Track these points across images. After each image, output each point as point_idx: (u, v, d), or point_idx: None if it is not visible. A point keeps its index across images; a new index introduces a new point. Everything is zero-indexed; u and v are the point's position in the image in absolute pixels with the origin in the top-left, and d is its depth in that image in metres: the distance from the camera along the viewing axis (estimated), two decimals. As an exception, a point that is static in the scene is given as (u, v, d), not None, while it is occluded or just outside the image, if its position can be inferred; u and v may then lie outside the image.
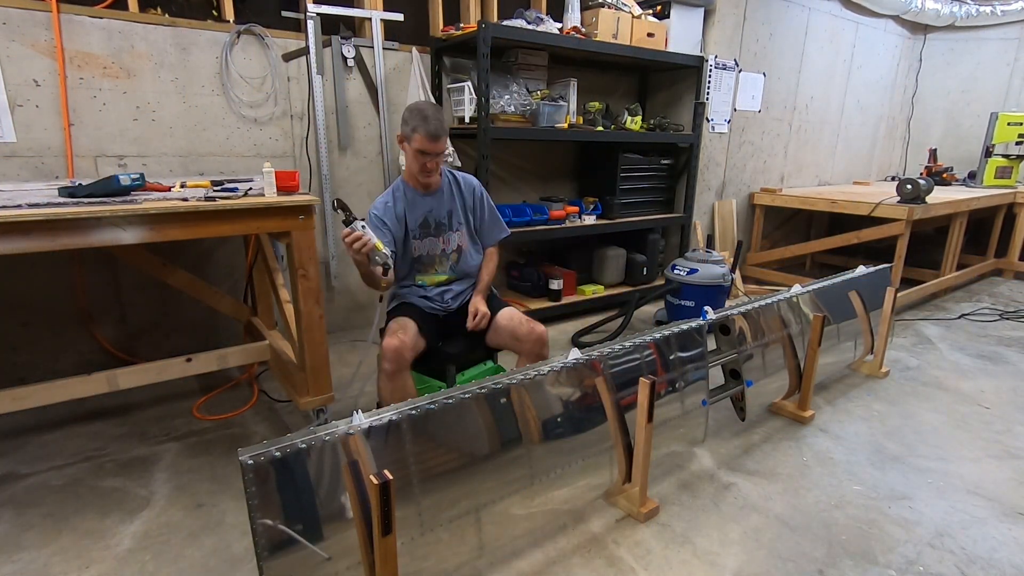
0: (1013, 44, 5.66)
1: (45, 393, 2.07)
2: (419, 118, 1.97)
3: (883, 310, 2.90)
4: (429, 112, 1.99)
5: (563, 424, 1.70)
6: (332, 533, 1.29)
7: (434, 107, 2.03)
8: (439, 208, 2.20)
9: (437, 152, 2.03)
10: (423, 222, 2.18)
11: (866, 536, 1.81)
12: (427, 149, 2.00)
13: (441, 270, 2.24)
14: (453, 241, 2.23)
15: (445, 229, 2.21)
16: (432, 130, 1.97)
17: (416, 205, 2.16)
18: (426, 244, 2.19)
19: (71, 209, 1.67)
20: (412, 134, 1.99)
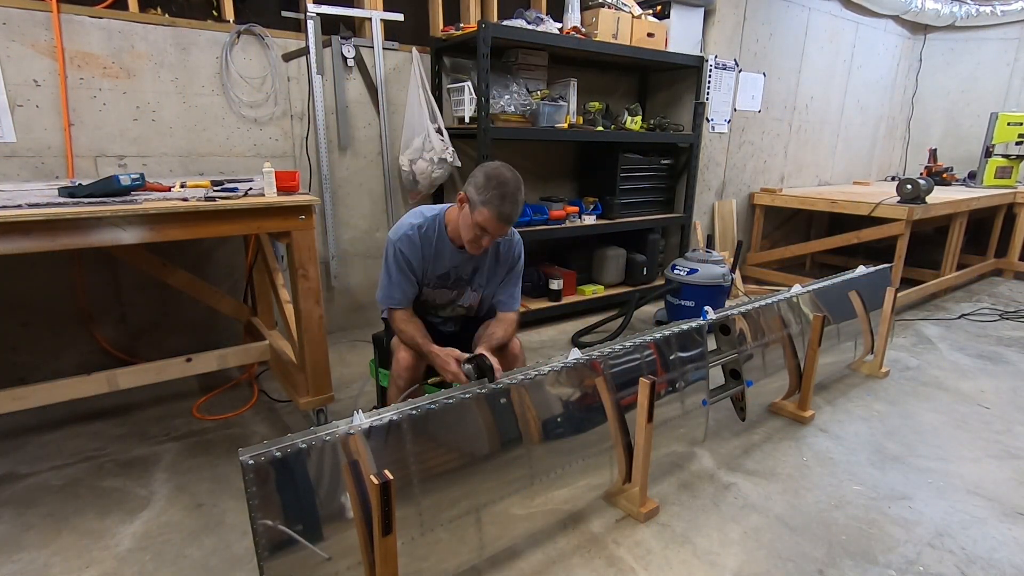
0: (1013, 44, 5.66)
1: (45, 393, 2.07)
2: (496, 193, 1.66)
3: (883, 310, 2.90)
4: (510, 188, 1.68)
5: (563, 424, 1.70)
6: (332, 533, 1.29)
7: (516, 181, 1.71)
8: (466, 264, 1.94)
9: (501, 235, 1.78)
10: (444, 274, 1.93)
11: (866, 536, 1.81)
12: (492, 230, 1.72)
13: (447, 322, 2.07)
14: (467, 298, 2.02)
15: (464, 285, 1.99)
16: (506, 213, 1.68)
17: (444, 255, 1.90)
18: (438, 294, 1.99)
19: (71, 209, 1.67)
20: (481, 206, 1.68)
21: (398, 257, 1.83)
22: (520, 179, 1.73)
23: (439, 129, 3.23)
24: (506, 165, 1.74)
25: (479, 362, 1.60)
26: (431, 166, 3.22)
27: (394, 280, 1.86)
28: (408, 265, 1.85)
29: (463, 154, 3.47)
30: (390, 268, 1.86)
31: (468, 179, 1.74)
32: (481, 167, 1.74)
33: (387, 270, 1.87)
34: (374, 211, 3.44)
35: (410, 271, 1.86)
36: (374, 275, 3.54)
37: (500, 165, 1.73)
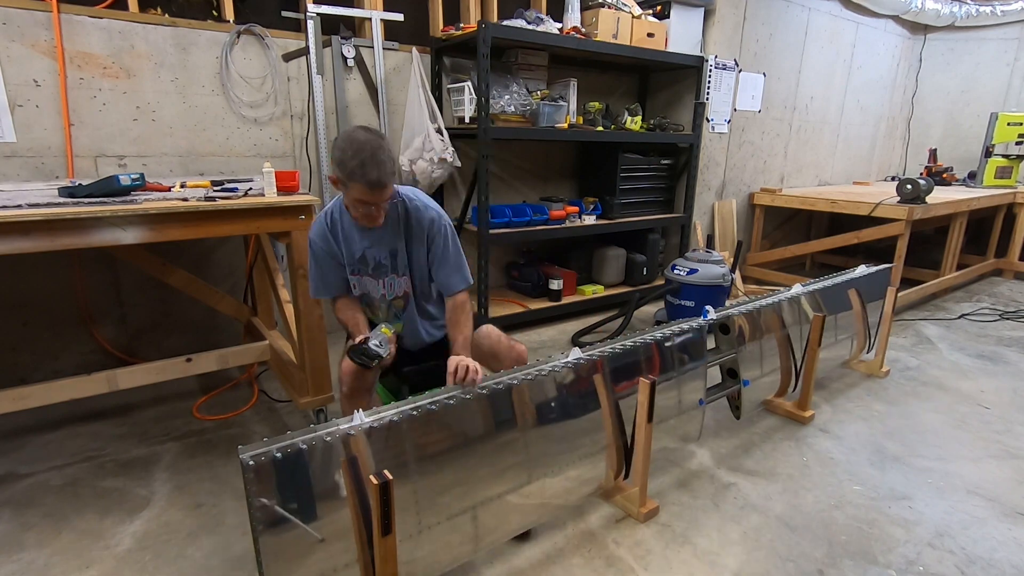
0: (1013, 44, 5.66)
1: (45, 393, 2.07)
2: (356, 163, 1.55)
3: (883, 310, 2.90)
4: (367, 153, 1.55)
5: (563, 423, 1.70)
6: (332, 533, 1.29)
7: (374, 142, 1.58)
8: (379, 245, 1.80)
9: (383, 200, 1.64)
10: (361, 257, 1.81)
11: (866, 536, 1.81)
12: (369, 199, 1.61)
13: (384, 317, 1.90)
14: (396, 287, 1.85)
15: (386, 271, 1.83)
16: (374, 179, 1.56)
17: (352, 237, 1.79)
18: (365, 283, 1.85)
19: (71, 209, 1.67)
20: (349, 182, 1.59)
21: (316, 248, 1.81)
22: (380, 136, 1.62)
23: (439, 129, 3.23)
24: (361, 128, 1.63)
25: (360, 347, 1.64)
26: (431, 166, 3.22)
27: (320, 269, 1.83)
28: (327, 253, 1.81)
29: (463, 154, 3.47)
30: (313, 259, 1.83)
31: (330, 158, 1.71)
32: (336, 140, 1.66)
33: (311, 263, 1.85)
34: (374, 211, 3.43)
35: (330, 257, 1.81)
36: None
37: (354, 130, 1.62)
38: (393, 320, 1.89)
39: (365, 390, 1.79)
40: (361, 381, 1.77)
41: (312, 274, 1.86)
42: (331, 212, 1.81)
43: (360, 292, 1.87)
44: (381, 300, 1.88)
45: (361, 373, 1.73)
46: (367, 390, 1.80)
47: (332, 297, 1.88)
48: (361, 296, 1.89)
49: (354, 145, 1.57)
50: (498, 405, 1.57)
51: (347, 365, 1.75)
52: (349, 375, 1.76)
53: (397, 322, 1.90)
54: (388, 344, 1.67)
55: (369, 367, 1.65)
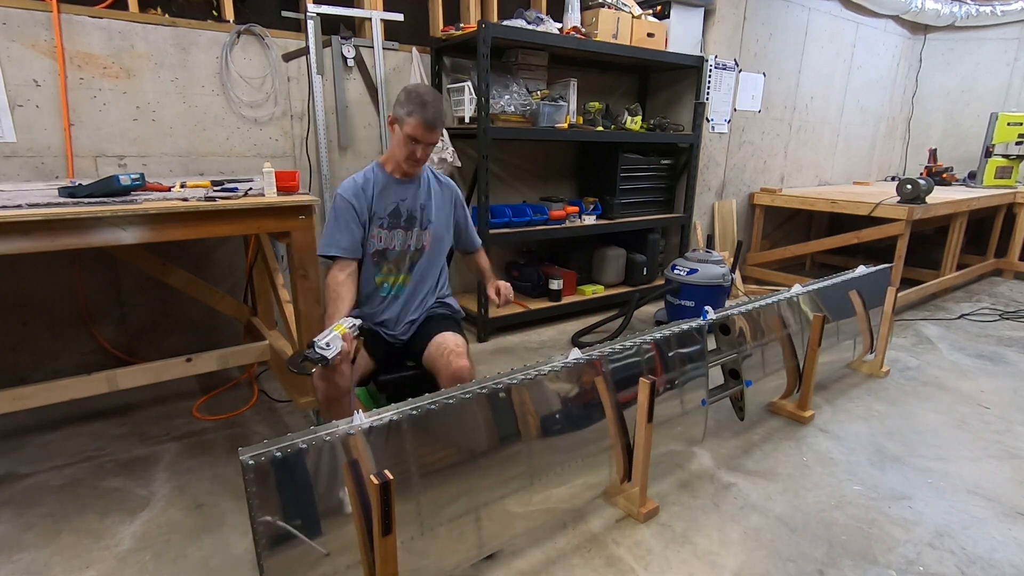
0: (1013, 44, 5.66)
1: (45, 393, 2.07)
2: (417, 103, 1.81)
3: (883, 310, 2.90)
4: (428, 98, 1.83)
5: (563, 423, 1.70)
6: (332, 533, 1.29)
7: (434, 93, 1.87)
8: (413, 199, 2.02)
9: (430, 142, 1.88)
10: (394, 211, 1.99)
11: (866, 536, 1.81)
12: (420, 137, 1.85)
13: (402, 268, 2.04)
14: (420, 239, 2.04)
15: (415, 223, 2.02)
16: (429, 117, 1.82)
17: (389, 191, 1.98)
18: (393, 237, 2.00)
19: (71, 209, 1.67)
20: (407, 118, 1.83)
21: (341, 205, 1.91)
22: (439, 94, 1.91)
23: (439, 129, 3.23)
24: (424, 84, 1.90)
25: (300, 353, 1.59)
26: (431, 166, 3.22)
27: (336, 226, 1.91)
28: (353, 210, 1.91)
29: (463, 154, 3.47)
30: (334, 216, 1.92)
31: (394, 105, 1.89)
32: (403, 90, 1.87)
33: (331, 220, 1.93)
34: (374, 211, 3.43)
35: (352, 218, 1.91)
36: (374, 275, 3.54)
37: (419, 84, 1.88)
38: (406, 271, 2.03)
39: (339, 396, 1.76)
40: (333, 387, 1.73)
41: (327, 230, 1.93)
42: (365, 172, 1.99)
43: (382, 246, 1.98)
44: (403, 252, 2.02)
45: (329, 378, 1.70)
46: (342, 396, 1.76)
47: (337, 257, 1.91)
48: (383, 252, 1.99)
49: (418, 90, 1.84)
50: (497, 406, 1.57)
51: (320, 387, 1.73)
52: (319, 381, 1.73)
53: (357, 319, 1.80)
54: (339, 342, 1.58)
55: (309, 374, 1.57)
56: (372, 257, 1.99)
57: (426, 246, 2.05)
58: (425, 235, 2.04)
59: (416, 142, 1.86)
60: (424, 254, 2.06)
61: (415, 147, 1.87)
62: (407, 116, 1.82)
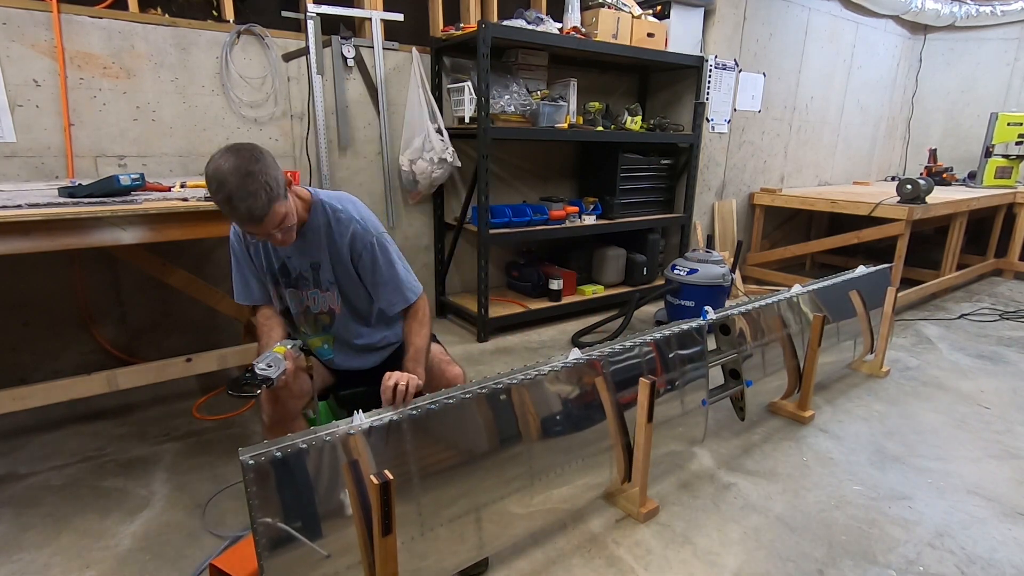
0: (1013, 44, 5.66)
1: (45, 393, 2.07)
2: (222, 198, 1.35)
3: (883, 310, 2.90)
4: (232, 186, 1.33)
5: (563, 423, 1.70)
6: (332, 532, 1.29)
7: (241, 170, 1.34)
8: (299, 257, 1.64)
9: (271, 230, 1.43)
10: (281, 267, 1.66)
11: (866, 536, 1.81)
12: (257, 232, 1.44)
13: (312, 331, 1.76)
14: (320, 302, 1.70)
15: (308, 285, 1.67)
16: (244, 215, 1.36)
17: (270, 246, 1.63)
18: (287, 296, 1.71)
19: (71, 209, 1.68)
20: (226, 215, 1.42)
21: (233, 248, 1.68)
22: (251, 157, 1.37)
23: (439, 129, 3.23)
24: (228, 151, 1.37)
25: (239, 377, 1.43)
26: (431, 166, 3.22)
27: (240, 272, 1.70)
28: (244, 256, 1.67)
29: (463, 154, 3.47)
30: (234, 259, 1.69)
31: None
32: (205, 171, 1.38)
33: (233, 263, 1.70)
34: (374, 211, 3.41)
35: (249, 262, 1.67)
36: (374, 275, 3.54)
37: (219, 155, 1.37)
38: (321, 333, 1.74)
39: (288, 419, 1.62)
40: (282, 409, 1.60)
41: (233, 275, 1.70)
42: None
43: (282, 307, 1.72)
44: (306, 313, 1.72)
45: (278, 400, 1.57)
46: (290, 418, 1.63)
47: (255, 305, 1.71)
48: (284, 311, 1.73)
49: (217, 178, 1.34)
50: (497, 407, 1.57)
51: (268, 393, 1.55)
52: (267, 403, 1.58)
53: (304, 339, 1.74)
54: (281, 363, 1.46)
55: (253, 397, 1.39)
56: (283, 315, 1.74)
57: (334, 308, 1.71)
58: (328, 297, 1.69)
59: (254, 234, 1.48)
60: (336, 317, 1.72)
61: (265, 238, 1.48)
62: (225, 214, 1.40)
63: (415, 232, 3.64)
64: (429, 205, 3.64)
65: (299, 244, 1.60)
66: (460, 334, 3.54)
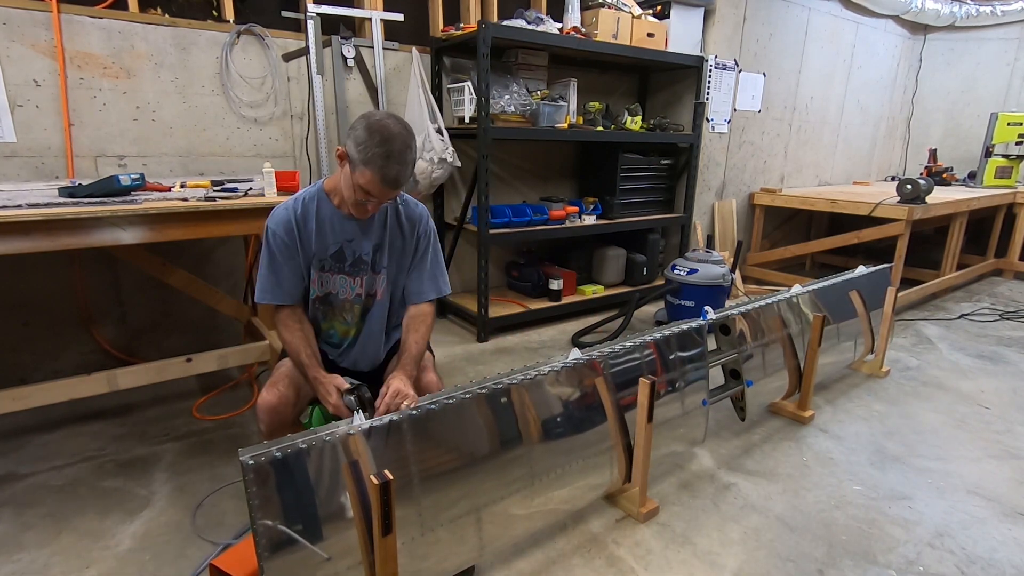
0: (1013, 44, 5.66)
1: (45, 393, 2.07)
2: (380, 152, 1.38)
3: (883, 310, 2.90)
4: (396, 145, 1.40)
5: (563, 424, 1.70)
6: (332, 533, 1.29)
7: (405, 139, 1.42)
8: (363, 240, 1.62)
9: (388, 199, 1.50)
10: (337, 252, 1.61)
11: (866, 536, 1.81)
12: (375, 194, 1.45)
13: (350, 319, 1.71)
14: (370, 286, 1.67)
15: (364, 269, 1.64)
16: (392, 175, 1.41)
17: (333, 228, 1.60)
18: (335, 282, 1.64)
19: (71, 209, 1.68)
20: (362, 166, 1.40)
21: (275, 241, 1.56)
22: (411, 132, 1.44)
23: (439, 129, 3.23)
24: (394, 116, 1.43)
25: (359, 393, 1.39)
26: (431, 166, 3.22)
27: (275, 267, 1.57)
28: (288, 249, 1.56)
29: (463, 154, 3.47)
30: (269, 255, 1.57)
31: (348, 131, 1.46)
32: (363, 117, 1.43)
33: (265, 258, 1.58)
34: (374, 211, 3.43)
35: (292, 256, 1.57)
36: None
37: (386, 115, 1.42)
38: (355, 321, 1.71)
39: (288, 425, 1.60)
40: (283, 417, 1.57)
41: (263, 272, 1.59)
42: (303, 200, 1.59)
43: (323, 292, 1.65)
44: (353, 300, 1.67)
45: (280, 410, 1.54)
46: (290, 424, 1.61)
47: (282, 304, 1.61)
48: (325, 297, 1.66)
49: (384, 132, 1.39)
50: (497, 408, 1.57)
51: (266, 400, 1.53)
52: (268, 411, 1.53)
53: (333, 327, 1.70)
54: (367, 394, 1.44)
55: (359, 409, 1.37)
56: (314, 303, 1.68)
57: (378, 294, 1.69)
58: (377, 280, 1.67)
59: (368, 195, 1.46)
60: (376, 303, 1.71)
61: (366, 200, 1.48)
62: (363, 164, 1.40)
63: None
64: (429, 205, 3.64)
65: (365, 226, 1.61)
66: (460, 334, 3.54)
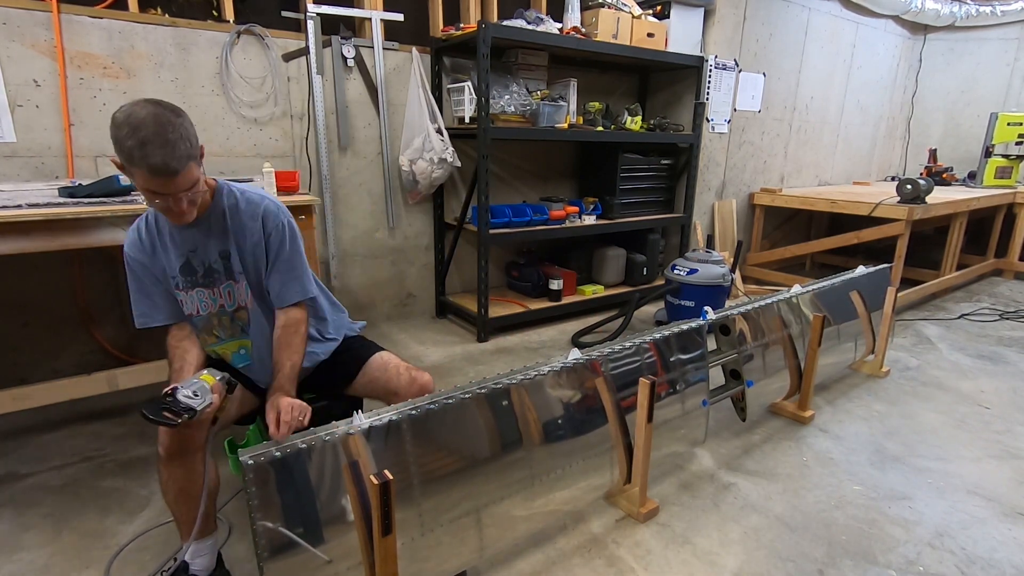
0: (1013, 44, 5.66)
1: (45, 393, 2.08)
2: (134, 142, 1.21)
3: (884, 310, 2.90)
4: (149, 130, 1.21)
5: (563, 424, 1.70)
6: (332, 534, 1.29)
7: (161, 118, 1.24)
8: (206, 247, 1.48)
9: (179, 190, 1.29)
10: (184, 265, 1.49)
11: (866, 536, 1.81)
12: (158, 188, 1.27)
13: (227, 335, 1.58)
14: (237, 295, 1.54)
15: (219, 277, 1.51)
16: (157, 163, 1.23)
17: (174, 240, 1.48)
18: (196, 298, 1.52)
19: (71, 209, 1.68)
20: (129, 167, 1.25)
21: (133, 264, 1.49)
22: (174, 111, 1.27)
23: (439, 129, 3.23)
24: (149, 100, 1.26)
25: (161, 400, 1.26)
26: (431, 166, 3.22)
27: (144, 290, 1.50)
28: (147, 269, 1.49)
29: (463, 154, 3.47)
30: (135, 279, 1.51)
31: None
32: (113, 116, 1.24)
33: (132, 284, 1.52)
34: (374, 211, 3.44)
35: (151, 273, 1.49)
36: (374, 275, 3.54)
37: (134, 104, 1.25)
38: (239, 336, 1.59)
39: (190, 451, 1.40)
40: (184, 441, 1.38)
41: (135, 298, 1.51)
42: (147, 217, 1.50)
43: (190, 311, 1.53)
44: (220, 313, 1.55)
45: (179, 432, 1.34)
46: (193, 450, 1.40)
47: (165, 324, 1.53)
48: (194, 317, 1.54)
49: (132, 120, 1.21)
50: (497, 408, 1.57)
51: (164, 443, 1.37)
52: (166, 434, 1.36)
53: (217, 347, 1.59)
54: (208, 394, 1.30)
55: (173, 424, 1.21)
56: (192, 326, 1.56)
57: (246, 304, 1.56)
58: (239, 290, 1.54)
59: (156, 194, 1.29)
60: (250, 313, 1.57)
61: (161, 199, 1.30)
62: (129, 165, 1.25)
63: (415, 232, 3.64)
64: (429, 205, 3.64)
65: (204, 232, 1.48)
66: (460, 334, 3.54)
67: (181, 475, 1.40)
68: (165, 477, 1.41)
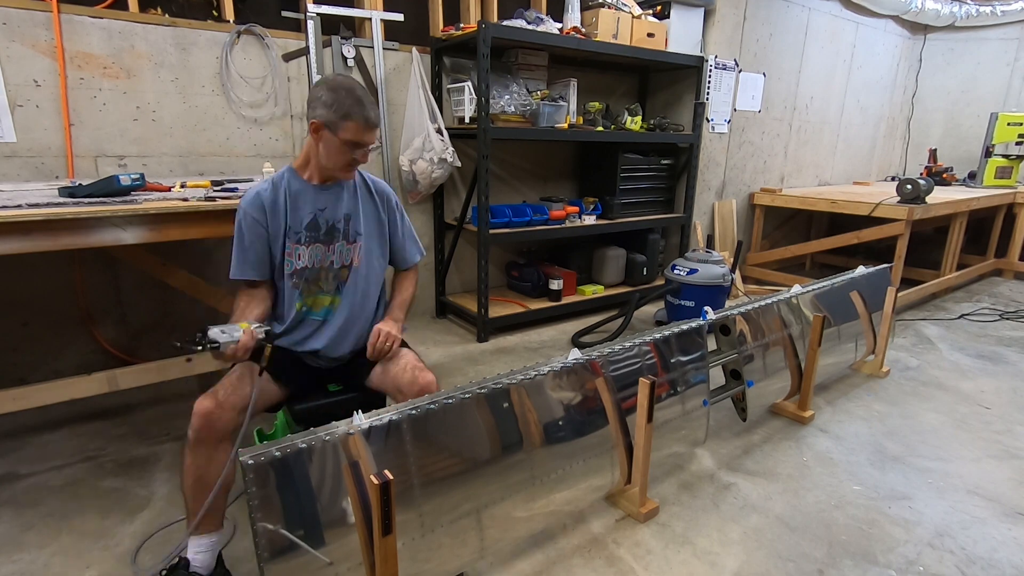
0: (1013, 44, 5.66)
1: (45, 393, 2.07)
2: (352, 100, 1.55)
3: (884, 310, 2.90)
4: (360, 93, 1.58)
5: (563, 425, 1.70)
6: (332, 534, 1.29)
7: (362, 86, 1.62)
8: (334, 208, 1.73)
9: (372, 144, 1.67)
10: (311, 222, 1.70)
11: (866, 536, 1.81)
12: (363, 141, 1.61)
13: (327, 289, 1.75)
14: (344, 255, 1.74)
15: (337, 236, 1.73)
16: (372, 117, 1.60)
17: (305, 200, 1.69)
18: (312, 253, 1.70)
19: (71, 209, 1.68)
20: (343, 122, 1.56)
21: (247, 221, 1.65)
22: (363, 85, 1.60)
23: (439, 129, 3.23)
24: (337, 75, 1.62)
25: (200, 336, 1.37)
26: (431, 166, 3.22)
27: (242, 244, 1.66)
28: (257, 227, 1.65)
29: (463, 154, 3.47)
30: (239, 234, 1.66)
31: (309, 106, 1.61)
32: (321, 84, 1.60)
33: (236, 238, 1.67)
34: (374, 211, 3.44)
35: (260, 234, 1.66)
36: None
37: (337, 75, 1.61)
38: (334, 292, 1.75)
39: (218, 438, 1.46)
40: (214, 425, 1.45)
41: (235, 251, 1.68)
42: (272, 181, 1.70)
43: (300, 264, 1.69)
44: (328, 270, 1.73)
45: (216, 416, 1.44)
46: (221, 438, 1.47)
47: (251, 281, 1.69)
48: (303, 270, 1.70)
49: (347, 86, 1.58)
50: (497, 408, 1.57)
51: (202, 405, 1.45)
52: (200, 416, 1.43)
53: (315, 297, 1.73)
54: (238, 333, 1.39)
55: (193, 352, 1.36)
56: (291, 279, 1.70)
57: (354, 262, 1.76)
58: (352, 250, 1.75)
59: (358, 147, 1.62)
60: (353, 271, 1.76)
61: (356, 151, 1.63)
62: (343, 120, 1.56)
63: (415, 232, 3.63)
64: (429, 205, 3.64)
65: (336, 195, 1.73)
66: (460, 334, 3.54)
67: (204, 462, 1.46)
68: (188, 462, 1.46)
